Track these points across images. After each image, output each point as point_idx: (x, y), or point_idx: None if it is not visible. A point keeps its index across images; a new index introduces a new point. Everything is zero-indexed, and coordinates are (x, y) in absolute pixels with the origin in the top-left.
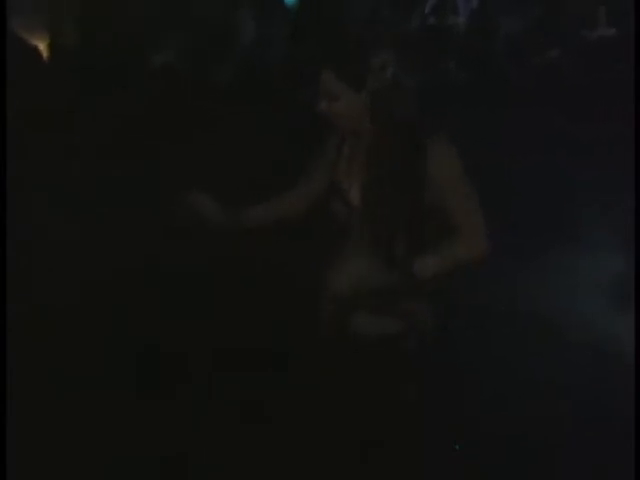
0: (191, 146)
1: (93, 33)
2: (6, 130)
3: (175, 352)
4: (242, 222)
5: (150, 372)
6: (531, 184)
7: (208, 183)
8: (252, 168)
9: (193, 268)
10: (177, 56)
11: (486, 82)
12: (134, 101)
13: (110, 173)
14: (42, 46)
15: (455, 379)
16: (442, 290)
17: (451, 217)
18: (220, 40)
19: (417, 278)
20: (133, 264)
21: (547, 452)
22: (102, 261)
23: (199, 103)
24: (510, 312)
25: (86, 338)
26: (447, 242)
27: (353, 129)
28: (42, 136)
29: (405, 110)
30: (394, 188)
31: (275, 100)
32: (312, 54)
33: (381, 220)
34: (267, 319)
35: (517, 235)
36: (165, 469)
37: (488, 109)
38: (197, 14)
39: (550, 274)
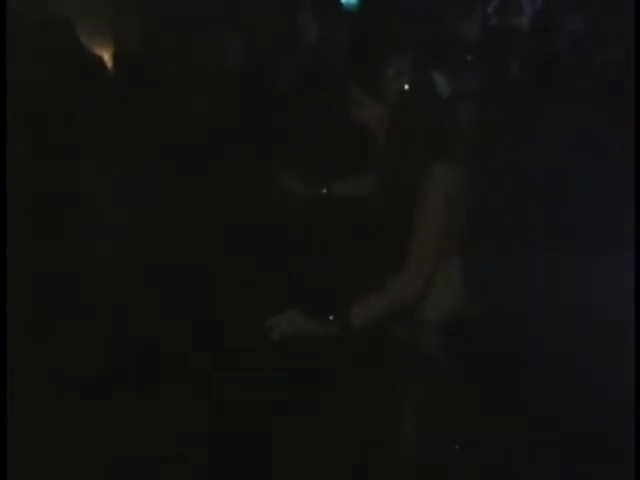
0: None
1: (156, 37)
2: (6, 130)
3: (175, 352)
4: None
5: (150, 372)
6: (593, 185)
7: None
8: (311, 166)
9: (193, 268)
10: (241, 56)
11: (549, 82)
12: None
13: (174, 172)
14: (107, 55)
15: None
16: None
17: (409, 249)
18: (283, 40)
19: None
20: (134, 264)
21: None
22: (102, 261)
23: (263, 103)
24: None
25: (86, 338)
26: (392, 283)
27: (379, 137)
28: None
29: (426, 120)
30: (391, 201)
31: (335, 100)
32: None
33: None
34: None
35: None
36: (165, 469)
37: (550, 109)
38: (259, 14)
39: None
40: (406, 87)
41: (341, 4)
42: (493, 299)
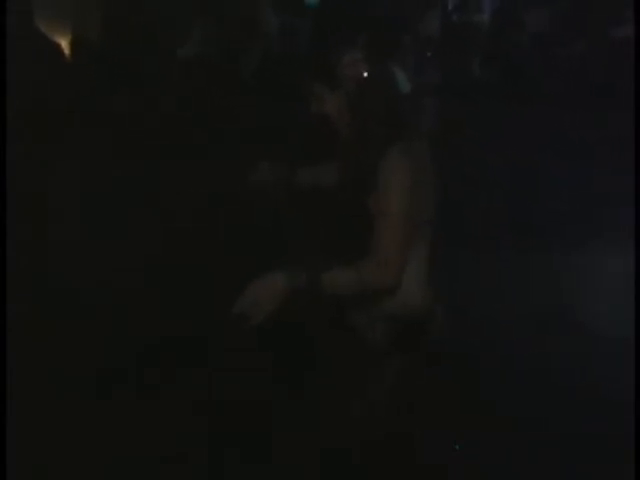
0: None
1: (117, 27)
2: (6, 131)
3: (176, 352)
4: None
5: (151, 372)
6: (550, 183)
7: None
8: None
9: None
10: (205, 46)
11: (509, 79)
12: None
13: (133, 170)
14: (64, 43)
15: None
16: None
17: (375, 237)
18: (246, 29)
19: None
20: (134, 264)
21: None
22: (102, 261)
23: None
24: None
25: (86, 338)
26: (361, 263)
27: (340, 129)
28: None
29: (381, 109)
30: (354, 189)
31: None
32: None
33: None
34: None
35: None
36: (165, 469)
37: (510, 106)
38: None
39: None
40: (364, 75)
41: None
42: (461, 298)
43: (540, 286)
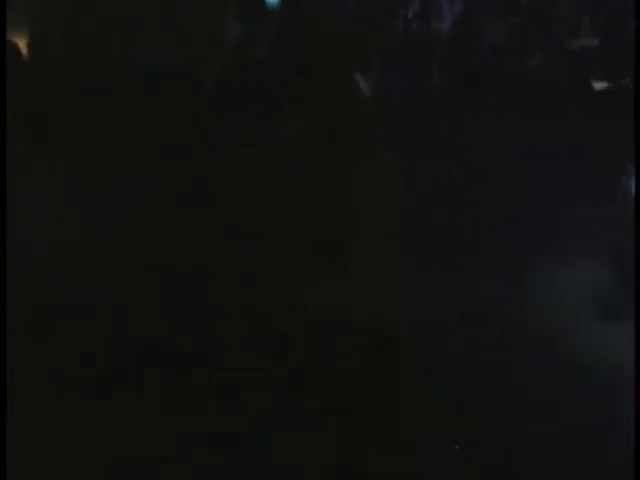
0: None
1: (77, 34)
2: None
3: (176, 352)
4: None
5: (150, 372)
6: (508, 189)
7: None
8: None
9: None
10: (162, 56)
11: (467, 87)
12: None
13: (101, 173)
14: (24, 47)
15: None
16: None
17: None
18: (206, 39)
19: None
20: (133, 264)
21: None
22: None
23: (186, 102)
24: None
25: (86, 338)
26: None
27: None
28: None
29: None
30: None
31: (261, 98)
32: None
33: None
34: None
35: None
36: (165, 469)
37: (468, 114)
38: (182, 13)
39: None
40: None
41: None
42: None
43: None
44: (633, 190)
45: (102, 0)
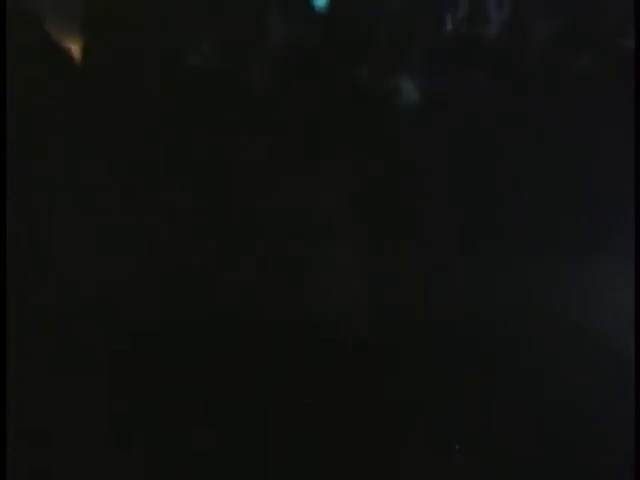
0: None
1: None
2: (6, 130)
3: (177, 352)
4: None
5: (152, 371)
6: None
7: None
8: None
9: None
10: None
11: (516, 91)
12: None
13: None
14: (73, 49)
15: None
16: None
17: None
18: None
19: None
20: (133, 264)
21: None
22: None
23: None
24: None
25: (86, 338)
26: None
27: None
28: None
29: None
30: None
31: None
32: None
33: None
34: None
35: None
36: (166, 468)
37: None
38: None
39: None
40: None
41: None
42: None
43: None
44: None
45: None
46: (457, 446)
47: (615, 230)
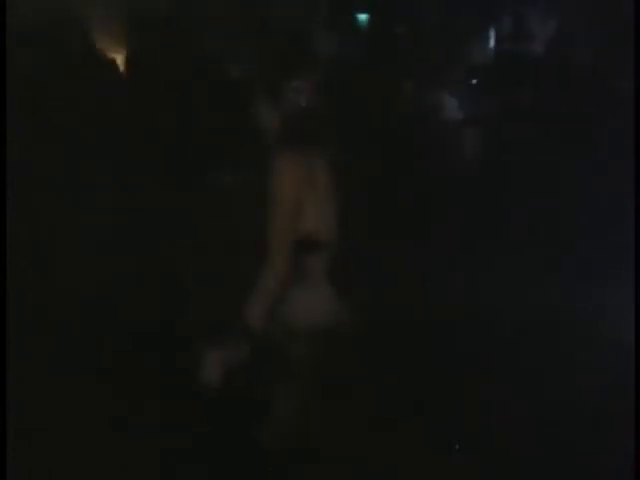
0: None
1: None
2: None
3: (176, 353)
4: None
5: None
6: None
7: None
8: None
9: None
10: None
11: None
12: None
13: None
14: (120, 58)
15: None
16: None
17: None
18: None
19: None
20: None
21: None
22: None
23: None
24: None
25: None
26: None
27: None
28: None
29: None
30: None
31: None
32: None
33: None
34: None
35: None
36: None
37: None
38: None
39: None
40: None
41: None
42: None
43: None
44: None
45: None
46: (457, 446)
47: (615, 230)
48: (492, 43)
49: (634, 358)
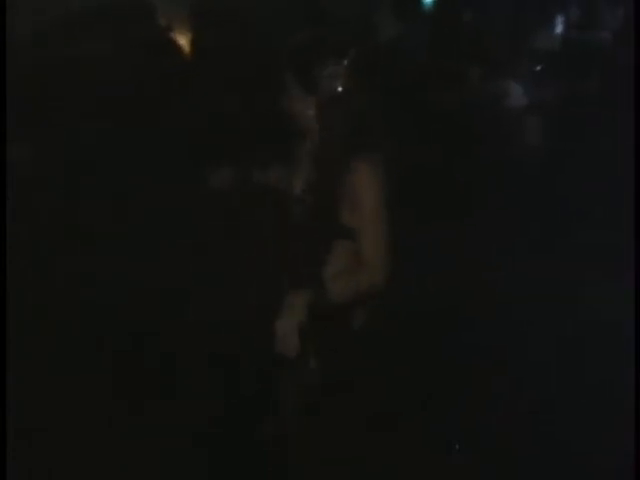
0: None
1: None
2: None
3: (176, 355)
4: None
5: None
6: None
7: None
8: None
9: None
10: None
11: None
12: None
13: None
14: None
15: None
16: None
17: (361, 244)
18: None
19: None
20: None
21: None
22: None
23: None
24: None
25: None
26: (351, 270)
27: (305, 132)
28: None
29: (345, 127)
30: (326, 201)
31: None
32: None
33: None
34: None
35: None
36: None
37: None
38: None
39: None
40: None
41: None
42: None
43: None
44: None
45: None
46: (457, 446)
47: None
48: (560, 30)
49: (634, 358)
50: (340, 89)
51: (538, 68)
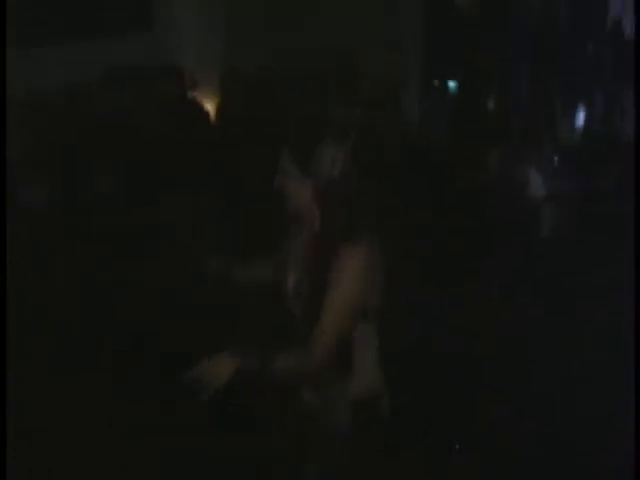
0: None
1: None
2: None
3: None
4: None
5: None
6: None
7: None
8: None
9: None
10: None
11: None
12: None
13: None
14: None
15: None
16: None
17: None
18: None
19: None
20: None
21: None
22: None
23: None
24: None
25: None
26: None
27: (298, 214)
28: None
29: (342, 211)
30: (317, 286)
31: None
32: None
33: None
34: None
35: None
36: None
37: None
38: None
39: None
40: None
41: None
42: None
43: None
44: None
45: None
46: (457, 446)
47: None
48: (582, 122)
49: (634, 358)
50: (338, 172)
51: (558, 159)
